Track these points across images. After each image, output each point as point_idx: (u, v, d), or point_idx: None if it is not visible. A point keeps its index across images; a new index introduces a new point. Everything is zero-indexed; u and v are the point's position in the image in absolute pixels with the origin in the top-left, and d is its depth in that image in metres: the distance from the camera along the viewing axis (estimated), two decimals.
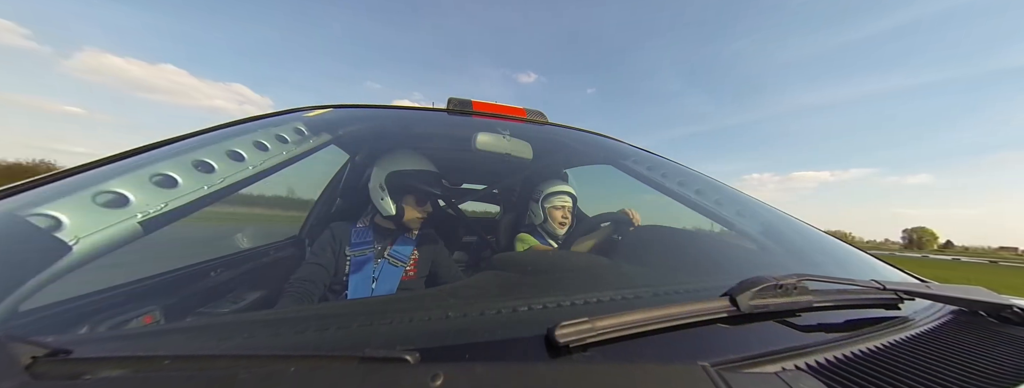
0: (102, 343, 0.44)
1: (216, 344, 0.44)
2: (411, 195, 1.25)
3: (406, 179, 1.24)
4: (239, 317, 0.59)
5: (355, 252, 1.18)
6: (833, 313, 0.61)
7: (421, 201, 1.27)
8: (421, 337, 0.48)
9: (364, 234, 1.22)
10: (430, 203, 1.30)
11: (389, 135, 1.54)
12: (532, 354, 0.45)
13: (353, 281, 1.14)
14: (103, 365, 0.34)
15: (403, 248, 1.25)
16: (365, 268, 1.16)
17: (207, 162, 0.82)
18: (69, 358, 0.35)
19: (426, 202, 1.28)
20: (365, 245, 1.20)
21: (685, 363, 0.41)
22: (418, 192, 1.26)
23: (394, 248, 1.23)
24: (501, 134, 1.39)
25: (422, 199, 1.27)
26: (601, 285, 0.73)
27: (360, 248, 1.19)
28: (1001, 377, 0.47)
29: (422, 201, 1.27)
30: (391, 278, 1.19)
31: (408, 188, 1.25)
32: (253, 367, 0.35)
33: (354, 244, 1.19)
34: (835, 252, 1.06)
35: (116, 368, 0.34)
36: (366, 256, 1.18)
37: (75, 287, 0.54)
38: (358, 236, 1.22)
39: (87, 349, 0.37)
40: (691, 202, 1.28)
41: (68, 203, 0.61)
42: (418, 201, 1.26)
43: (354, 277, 1.14)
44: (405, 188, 1.24)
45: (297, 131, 1.11)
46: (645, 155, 1.53)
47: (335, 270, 1.15)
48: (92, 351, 0.37)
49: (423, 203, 1.27)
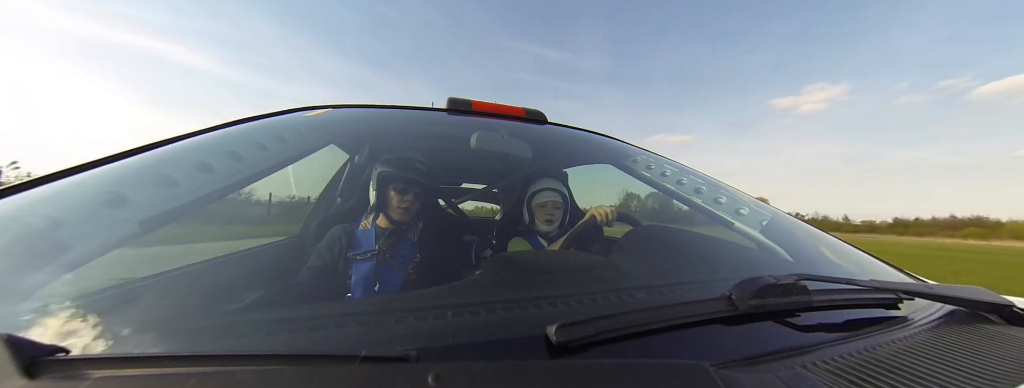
0: (100, 343, 0.44)
1: (214, 344, 0.44)
2: (392, 184, 1.23)
3: (386, 167, 1.24)
4: (238, 317, 0.59)
5: (358, 255, 1.17)
6: (832, 313, 0.61)
7: (403, 190, 1.23)
8: (420, 337, 0.48)
9: (366, 236, 1.21)
10: (413, 193, 1.25)
11: (389, 135, 1.54)
12: (531, 353, 0.45)
13: (356, 284, 1.13)
14: (101, 365, 0.34)
15: (405, 250, 1.23)
16: (368, 271, 1.16)
17: (206, 162, 0.82)
18: (67, 358, 0.35)
19: (408, 192, 1.23)
20: (367, 247, 1.19)
21: (686, 362, 0.41)
22: (398, 180, 1.23)
23: (396, 250, 1.22)
24: (500, 134, 1.39)
25: (403, 188, 1.23)
26: (600, 284, 0.73)
27: (362, 251, 1.18)
28: (1001, 377, 0.47)
29: (404, 190, 1.23)
30: (394, 280, 1.18)
31: (389, 177, 1.23)
32: (251, 367, 0.35)
33: (356, 246, 1.19)
34: (835, 252, 1.06)
35: (114, 368, 0.34)
36: (368, 259, 1.17)
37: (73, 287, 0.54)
38: (360, 238, 1.21)
39: (85, 349, 0.37)
40: (690, 201, 1.28)
41: (67, 203, 0.61)
42: (399, 190, 1.23)
43: (357, 280, 1.14)
44: (386, 177, 1.23)
45: (296, 131, 1.11)
46: (645, 154, 1.53)
47: (337, 273, 1.15)
48: (90, 351, 0.37)
49: (405, 192, 1.23)
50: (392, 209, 1.23)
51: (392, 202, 1.23)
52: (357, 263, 1.16)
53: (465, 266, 1.44)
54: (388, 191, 1.23)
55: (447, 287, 0.68)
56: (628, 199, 1.71)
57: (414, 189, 1.24)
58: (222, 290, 0.80)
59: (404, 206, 1.23)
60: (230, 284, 0.82)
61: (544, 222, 1.54)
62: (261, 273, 1.11)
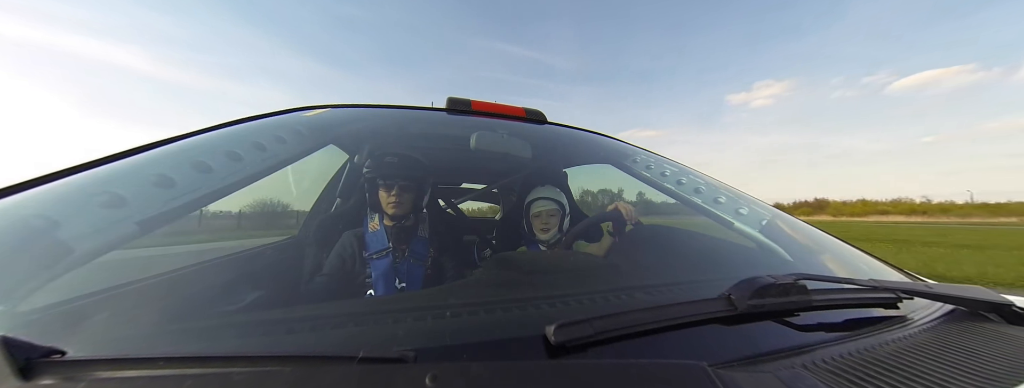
0: (97, 344, 0.44)
1: (211, 345, 0.44)
2: (376, 184, 1.24)
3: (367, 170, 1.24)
4: (235, 318, 0.59)
5: (374, 254, 1.18)
6: (831, 312, 0.61)
7: (387, 187, 1.23)
8: (418, 337, 0.48)
9: (377, 236, 1.22)
10: (399, 187, 1.23)
11: (388, 134, 1.53)
12: (529, 354, 0.45)
13: (377, 281, 1.14)
14: (98, 366, 0.34)
15: (420, 247, 1.26)
16: (387, 267, 1.17)
17: (205, 162, 0.82)
18: (63, 359, 0.35)
19: (393, 187, 1.23)
20: (381, 247, 1.20)
21: (684, 362, 0.40)
22: (379, 179, 1.23)
23: (412, 247, 1.24)
24: (500, 133, 1.39)
25: (387, 185, 1.23)
26: (599, 285, 0.73)
27: (378, 249, 1.19)
28: (1000, 376, 0.47)
29: (388, 187, 1.23)
30: (415, 276, 1.20)
31: (371, 179, 1.24)
32: (249, 368, 0.35)
33: (370, 248, 1.19)
34: (834, 251, 1.05)
35: (110, 369, 0.34)
36: (384, 256, 1.18)
37: (70, 288, 0.54)
38: (371, 239, 1.21)
39: (81, 350, 0.37)
40: (690, 201, 1.27)
41: (64, 203, 0.61)
42: (385, 188, 1.23)
43: (377, 277, 1.15)
44: (370, 180, 1.24)
45: (295, 131, 1.10)
46: (644, 154, 1.52)
47: (355, 274, 1.16)
48: (87, 352, 0.37)
49: (390, 189, 1.23)
50: (386, 207, 1.24)
51: (383, 201, 1.24)
52: (374, 261, 1.17)
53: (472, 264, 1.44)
54: (377, 192, 1.25)
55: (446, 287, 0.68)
56: (628, 199, 1.71)
57: (398, 183, 1.24)
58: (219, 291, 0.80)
59: (394, 201, 1.24)
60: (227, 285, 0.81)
61: (540, 231, 1.55)
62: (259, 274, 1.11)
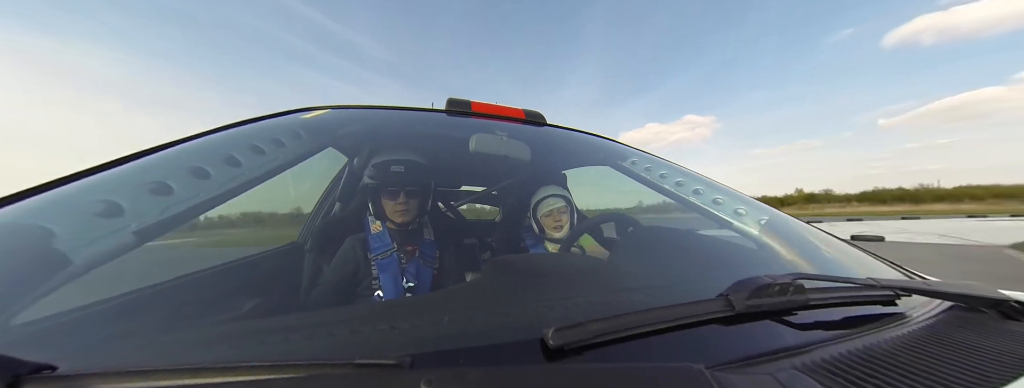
0: (88, 358, 0.43)
1: (206, 356, 0.44)
2: (380, 193, 1.23)
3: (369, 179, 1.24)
4: (230, 328, 0.59)
5: (380, 255, 1.18)
6: (830, 311, 0.61)
7: (392, 195, 1.22)
8: (415, 343, 0.48)
9: (381, 238, 1.21)
10: (404, 193, 1.22)
11: (387, 136, 1.53)
12: (526, 358, 0.44)
13: (386, 282, 1.14)
14: (89, 380, 0.33)
15: (428, 249, 1.26)
16: (394, 267, 1.17)
17: (203, 168, 0.81)
18: (53, 375, 0.35)
19: (399, 194, 1.22)
20: (386, 248, 1.19)
21: (681, 365, 0.40)
22: (383, 188, 1.22)
23: (421, 250, 1.24)
24: (499, 135, 1.38)
25: (393, 193, 1.22)
26: (596, 287, 0.72)
27: (383, 250, 1.19)
28: (999, 373, 0.47)
29: (393, 195, 1.22)
30: (425, 277, 1.20)
31: (374, 188, 1.23)
32: (244, 377, 0.35)
33: (375, 250, 1.19)
34: (833, 250, 1.05)
35: (102, 383, 0.33)
36: (389, 257, 1.18)
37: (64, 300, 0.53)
38: (374, 241, 1.21)
39: (72, 365, 0.36)
40: (688, 202, 1.27)
41: (58, 213, 0.60)
42: (389, 197, 1.22)
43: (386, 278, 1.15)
44: (372, 189, 1.23)
45: (294, 134, 1.09)
46: (643, 156, 1.53)
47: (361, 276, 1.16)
48: (80, 366, 0.36)
49: (395, 196, 1.21)
50: (393, 215, 1.24)
51: (389, 209, 1.23)
52: (379, 262, 1.17)
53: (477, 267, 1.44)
54: (380, 200, 1.24)
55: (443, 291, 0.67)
56: (626, 200, 1.71)
57: (404, 189, 1.23)
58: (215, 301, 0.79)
59: (401, 209, 1.23)
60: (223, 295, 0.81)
61: (553, 229, 1.55)
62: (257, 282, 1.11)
